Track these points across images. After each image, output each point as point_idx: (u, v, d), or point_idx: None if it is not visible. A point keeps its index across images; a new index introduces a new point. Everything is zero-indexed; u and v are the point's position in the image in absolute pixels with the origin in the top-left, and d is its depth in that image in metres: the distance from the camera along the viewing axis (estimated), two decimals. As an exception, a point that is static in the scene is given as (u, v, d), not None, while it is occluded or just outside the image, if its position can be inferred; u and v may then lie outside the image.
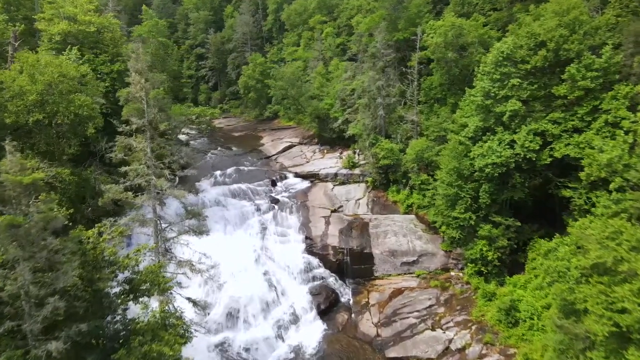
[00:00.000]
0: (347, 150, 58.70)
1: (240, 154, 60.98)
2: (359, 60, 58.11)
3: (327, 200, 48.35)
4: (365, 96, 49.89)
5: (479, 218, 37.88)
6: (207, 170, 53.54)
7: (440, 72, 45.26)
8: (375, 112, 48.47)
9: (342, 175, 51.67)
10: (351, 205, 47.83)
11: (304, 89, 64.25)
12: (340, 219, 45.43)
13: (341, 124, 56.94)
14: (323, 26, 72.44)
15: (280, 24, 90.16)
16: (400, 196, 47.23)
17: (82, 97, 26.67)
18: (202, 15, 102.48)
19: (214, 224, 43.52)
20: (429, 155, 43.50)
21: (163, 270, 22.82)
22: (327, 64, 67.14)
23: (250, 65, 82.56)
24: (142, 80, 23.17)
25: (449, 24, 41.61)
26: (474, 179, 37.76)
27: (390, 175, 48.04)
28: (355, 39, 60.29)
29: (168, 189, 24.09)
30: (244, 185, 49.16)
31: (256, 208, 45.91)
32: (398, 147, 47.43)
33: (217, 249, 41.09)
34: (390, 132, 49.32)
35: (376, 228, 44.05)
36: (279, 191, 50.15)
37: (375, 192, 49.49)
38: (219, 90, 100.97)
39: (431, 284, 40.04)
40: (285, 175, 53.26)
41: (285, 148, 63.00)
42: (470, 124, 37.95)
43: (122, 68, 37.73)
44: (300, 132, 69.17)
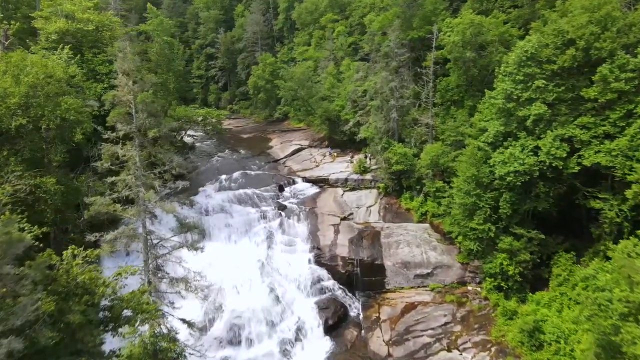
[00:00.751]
0: (359, 153, 56.45)
1: (248, 157, 58.98)
2: (371, 60, 55.72)
3: (337, 207, 46.05)
4: (377, 98, 47.52)
5: (499, 229, 35.30)
6: (213, 175, 51.62)
7: (457, 73, 42.68)
8: (388, 115, 46.04)
9: (353, 181, 49.33)
10: (362, 213, 45.48)
11: (314, 89, 62.06)
12: (351, 227, 43.11)
13: (352, 127, 54.65)
14: (334, 25, 70.16)
15: (291, 23, 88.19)
16: (413, 204, 44.77)
17: (70, 99, 24.74)
18: (213, 14, 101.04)
19: (217, 232, 41.74)
20: (445, 161, 41.00)
21: (154, 291, 20.86)
22: (338, 64, 64.89)
23: (260, 65, 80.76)
24: (130, 82, 21.18)
25: (468, 22, 39.03)
26: (494, 187, 35.17)
27: (404, 182, 45.60)
28: (367, 38, 57.88)
29: (157, 202, 22.00)
30: (250, 191, 47.09)
31: (262, 215, 43.80)
32: (412, 151, 44.98)
33: (221, 258, 39.39)
34: (403, 136, 46.86)
35: (388, 238, 41.66)
36: (287, 197, 47.97)
37: (387, 199, 47.07)
38: (228, 90, 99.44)
39: (446, 299, 37.52)
40: (294, 180, 51.09)
41: (294, 151, 60.86)
42: (490, 129, 35.37)
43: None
44: (310, 134, 67.04)
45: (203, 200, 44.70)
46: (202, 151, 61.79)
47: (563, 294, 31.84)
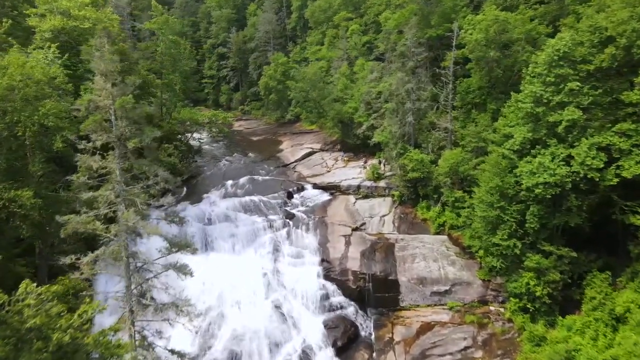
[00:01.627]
0: (372, 158, 53.54)
1: (257, 161, 56.54)
2: (386, 60, 52.83)
3: (349, 217, 43.29)
4: (392, 100, 44.66)
5: (525, 246, 32.20)
6: (219, 180, 49.28)
7: (479, 74, 39.60)
8: (404, 119, 43.15)
9: (366, 188, 46.49)
10: (375, 223, 42.65)
11: (327, 91, 59.34)
12: (363, 238, 40.32)
13: (366, 130, 51.81)
14: (348, 23, 67.29)
15: (305, 21, 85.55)
16: (430, 213, 41.82)
17: (50, 103, 22.46)
18: (225, 13, 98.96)
19: (221, 243, 39.41)
20: (465, 169, 37.98)
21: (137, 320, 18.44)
22: (351, 64, 62.05)
23: (271, 65, 78.31)
24: (108, 84, 18.79)
25: (491, 18, 35.96)
26: (520, 199, 32.11)
27: (420, 190, 42.65)
28: (382, 36, 54.99)
29: (137, 221, 19.55)
30: (256, 198, 44.58)
31: (268, 224, 41.24)
32: (429, 158, 42.03)
33: (223, 270, 37.03)
34: (420, 141, 43.91)
35: (403, 250, 38.78)
36: (295, 204, 45.35)
37: (402, 207, 44.15)
38: (240, 91, 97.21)
39: (466, 320, 34.52)
40: (303, 186, 48.45)
41: (304, 155, 58.22)
42: (516, 135, 32.30)
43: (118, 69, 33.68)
44: (322, 137, 64.35)
45: (207, 208, 42.33)
46: (210, 154, 59.50)
47: (598, 319, 28.61)
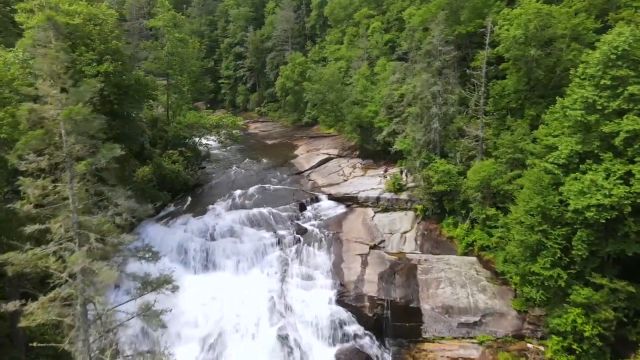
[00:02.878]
0: (393, 166, 49.40)
1: (269, 168, 52.87)
2: (410, 59, 48.50)
3: (366, 232, 39.19)
4: (416, 104, 40.41)
5: (571, 276, 27.58)
6: (227, 189, 45.79)
7: (516, 75, 35.01)
8: (429, 125, 38.84)
9: (386, 200, 42.28)
10: (395, 240, 38.45)
11: (345, 93, 55.29)
12: (381, 258, 36.18)
13: (387, 136, 47.66)
14: (369, 21, 63.04)
15: (324, 20, 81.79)
16: (457, 231, 37.41)
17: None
18: (243, 11, 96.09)
19: (224, 260, 35.87)
20: (499, 183, 33.49)
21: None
22: (372, 64, 57.88)
23: (288, 65, 74.90)
24: (55, 90, 15.23)
25: (533, 12, 31.36)
26: (565, 221, 27.51)
27: (446, 204, 38.26)
28: (406, 34, 50.64)
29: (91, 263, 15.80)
30: (265, 210, 40.87)
31: (277, 240, 37.49)
32: (457, 169, 37.65)
33: (225, 292, 33.49)
34: (446, 150, 39.52)
35: (426, 273, 34.50)
36: (308, 218, 41.47)
37: (426, 223, 39.83)
38: (257, 91, 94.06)
39: (499, 357, 30.08)
40: (318, 197, 44.53)
41: (320, 162, 54.31)
42: (561, 147, 27.72)
43: (111, 69, 30.50)
44: (340, 141, 60.38)
45: (211, 220, 38.81)
46: (220, 160, 56.16)
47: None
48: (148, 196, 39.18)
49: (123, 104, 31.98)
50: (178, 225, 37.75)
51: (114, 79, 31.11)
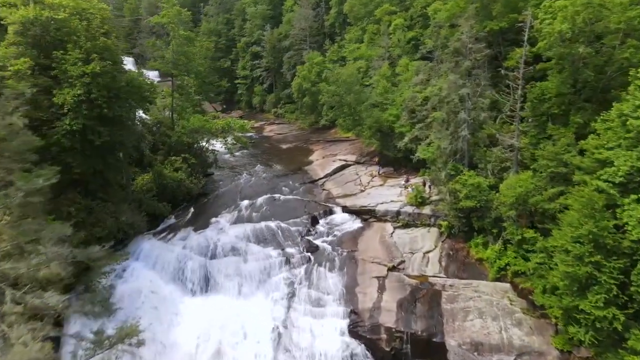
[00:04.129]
0: (415, 175, 45.16)
1: (281, 175, 49.23)
2: (435, 59, 44.26)
3: (384, 251, 35.18)
4: (442, 108, 36.20)
5: (629, 317, 23.06)
6: (233, 199, 42.32)
7: (559, 76, 30.44)
8: (456, 132, 34.57)
9: (407, 215, 38.15)
10: (417, 261, 34.31)
11: (364, 95, 51.29)
12: (401, 282, 32.14)
13: (408, 142, 43.45)
14: (391, 18, 58.86)
15: (344, 17, 77.81)
16: (488, 253, 33.04)
17: None
18: (260, 9, 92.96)
19: (224, 282, 32.42)
20: (538, 201, 29.09)
21: None
22: (394, 64, 53.74)
23: (305, 65, 71.26)
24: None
25: (582, 2, 26.81)
26: (623, 251, 23.02)
27: (475, 222, 33.93)
28: (431, 31, 46.39)
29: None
30: (274, 224, 37.24)
31: (285, 260, 33.79)
32: (488, 182, 33.29)
33: (224, 319, 29.96)
34: (476, 160, 35.17)
35: (452, 302, 30.30)
36: (320, 233, 37.68)
37: (451, 242, 35.58)
38: (274, 92, 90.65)
39: (538, 406, 25.71)
40: (332, 209, 40.67)
41: (336, 169, 50.43)
42: (618, 162, 23.25)
43: (98, 69, 27.28)
44: (359, 146, 56.43)
45: (213, 236, 35.35)
46: (229, 166, 52.80)
47: None
48: (146, 208, 36.05)
49: (113, 107, 28.77)
50: (176, 241, 34.43)
51: (101, 80, 27.90)
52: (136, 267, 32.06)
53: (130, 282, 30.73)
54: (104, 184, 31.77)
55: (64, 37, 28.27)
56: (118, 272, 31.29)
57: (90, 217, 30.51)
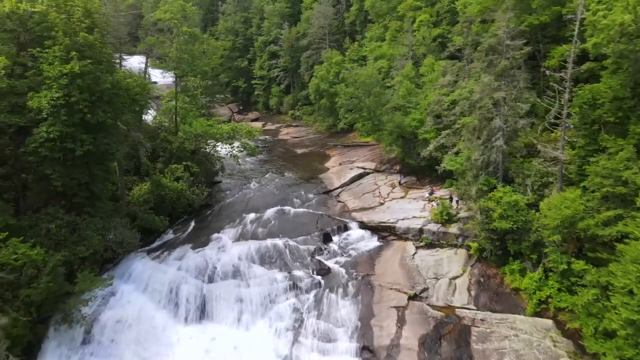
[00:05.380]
0: (441, 186, 40.87)
1: (293, 184, 45.44)
2: (464, 58, 39.80)
3: (405, 276, 31.01)
4: (473, 113, 31.79)
5: None
6: (239, 211, 38.74)
7: (615, 78, 25.72)
8: (490, 141, 30.11)
9: (431, 234, 33.87)
10: (442, 289, 30.04)
11: (384, 97, 47.11)
12: (423, 314, 27.95)
13: (433, 150, 39.06)
14: (416, 13, 54.38)
15: (366, 14, 73.68)
16: (526, 281, 28.53)
17: None
18: (278, 7, 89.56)
19: (223, 309, 28.88)
20: (590, 226, 24.54)
21: None
22: (418, 64, 49.35)
23: (323, 65, 67.46)
24: None
25: (649, -12, 22.19)
26: None
27: (510, 245, 29.43)
28: (460, 27, 41.88)
29: None
30: (281, 242, 33.45)
31: (292, 284, 29.93)
32: (526, 199, 28.76)
33: (221, 353, 26.26)
34: (512, 174, 30.68)
35: (484, 341, 25.96)
36: (333, 252, 33.76)
37: (482, 267, 31.17)
38: (291, 93, 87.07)
39: None
40: (347, 224, 36.67)
41: (354, 178, 46.38)
42: (699, 186, 18.59)
43: (77, 69, 23.91)
44: (379, 153, 52.29)
45: (212, 255, 31.73)
46: (238, 173, 49.31)
47: None
48: (140, 222, 32.69)
49: (97, 112, 25.40)
50: (172, 261, 30.93)
51: (82, 82, 24.55)
52: (125, 290, 28.67)
53: (116, 309, 27.35)
54: (91, 196, 28.45)
55: (44, 33, 25.05)
56: (105, 295, 27.94)
57: (73, 234, 27.22)
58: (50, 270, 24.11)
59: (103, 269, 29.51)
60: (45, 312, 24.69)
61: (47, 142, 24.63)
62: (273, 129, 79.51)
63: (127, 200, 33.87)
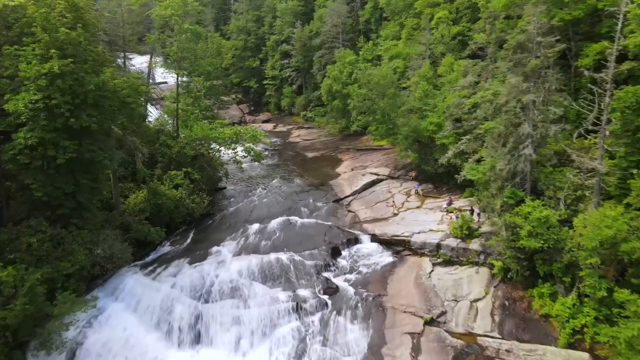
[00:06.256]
0: (460, 195, 37.91)
1: (301, 192, 42.83)
2: (487, 57, 36.71)
3: (420, 297, 28.12)
4: (498, 118, 28.73)
5: None
6: (243, 221, 36.30)
7: (665, 79, 22.56)
8: (517, 149, 27.03)
9: (449, 250, 30.90)
10: (462, 312, 27.08)
11: (399, 99, 44.20)
12: (441, 342, 25.09)
13: (452, 157, 36.01)
14: (434, 10, 51.29)
15: (381, 12, 70.76)
16: (558, 307, 25.38)
17: None
18: (291, 5, 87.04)
19: (219, 332, 26.40)
20: (634, 248, 21.34)
21: None
22: (436, 64, 46.33)
23: (336, 65, 64.70)
24: None
25: None
26: None
27: (540, 266, 26.31)
28: (483, 24, 38.73)
29: None
30: (285, 256, 30.82)
31: (295, 306, 27.25)
32: (558, 215, 25.62)
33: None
34: (541, 185, 27.56)
35: (510, 376, 22.96)
36: (342, 269, 31.05)
37: (507, 289, 28.13)
38: (303, 94, 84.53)
39: None
40: (357, 237, 33.90)
41: (366, 185, 43.57)
42: None
43: (57, 68, 21.58)
44: (393, 157, 49.45)
45: (210, 271, 29.20)
46: (245, 178, 46.86)
47: None
48: (134, 234, 30.37)
49: (80, 117, 23.10)
50: (166, 277, 28.49)
51: (61, 83, 22.23)
52: (114, 309, 26.32)
53: (103, 331, 25.01)
54: (78, 207, 26.16)
55: (24, 29, 22.82)
56: (92, 315, 25.62)
57: (57, 249, 24.96)
58: (28, 291, 21.82)
59: (92, 285, 27.23)
60: (22, 337, 22.42)
61: (25, 149, 22.39)
62: (284, 130, 77.13)
63: (122, 210, 31.60)
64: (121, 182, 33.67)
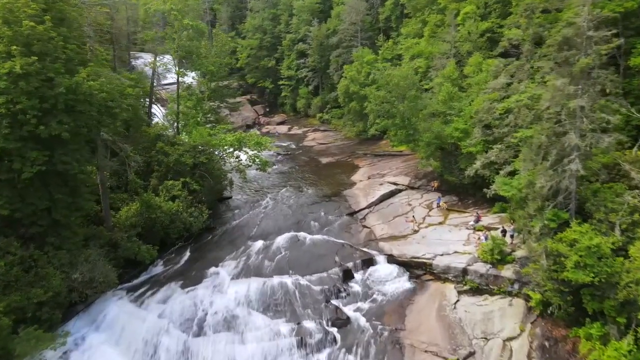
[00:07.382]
0: (489, 210, 33.90)
1: (313, 203, 39.26)
2: (523, 55, 32.50)
3: (443, 333, 24.26)
4: (538, 127, 24.66)
5: None
6: (246, 236, 32.91)
7: None
8: (560, 163, 22.95)
9: (478, 276, 26.89)
10: (494, 353, 23.16)
11: (421, 102, 40.26)
12: (469, 392, 21.18)
13: (481, 168, 31.95)
14: (459, 5, 47.14)
15: (402, 9, 66.81)
16: (610, 352, 21.21)
17: None
18: (308, 3, 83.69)
19: (210, 373, 22.52)
20: None
21: None
22: (461, 63, 42.24)
23: (354, 65, 61.12)
24: None
25: None
26: None
27: (588, 302, 22.19)
28: (516, 18, 34.50)
29: None
30: (290, 280, 27.30)
31: (299, 340, 23.69)
32: (611, 243, 21.49)
33: None
34: (590, 207, 23.39)
35: None
36: (354, 294, 27.36)
37: (546, 326, 24.06)
38: (320, 95, 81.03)
39: None
40: (373, 258, 30.14)
41: (384, 196, 39.73)
42: None
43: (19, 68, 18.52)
44: (414, 164, 45.52)
45: (205, 297, 25.79)
46: (255, 185, 43.54)
47: None
48: (122, 252, 27.23)
49: (50, 124, 20.02)
50: (154, 304, 25.24)
51: (26, 85, 19.16)
52: (94, 342, 23.17)
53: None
54: (55, 224, 23.12)
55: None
56: (68, 348, 22.52)
57: (29, 273, 21.93)
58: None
59: (70, 313, 24.16)
60: (-19, 378, 19.43)
61: (-13, 160, 19.48)
62: (299, 133, 73.86)
63: (111, 224, 28.53)
64: (114, 193, 30.65)
